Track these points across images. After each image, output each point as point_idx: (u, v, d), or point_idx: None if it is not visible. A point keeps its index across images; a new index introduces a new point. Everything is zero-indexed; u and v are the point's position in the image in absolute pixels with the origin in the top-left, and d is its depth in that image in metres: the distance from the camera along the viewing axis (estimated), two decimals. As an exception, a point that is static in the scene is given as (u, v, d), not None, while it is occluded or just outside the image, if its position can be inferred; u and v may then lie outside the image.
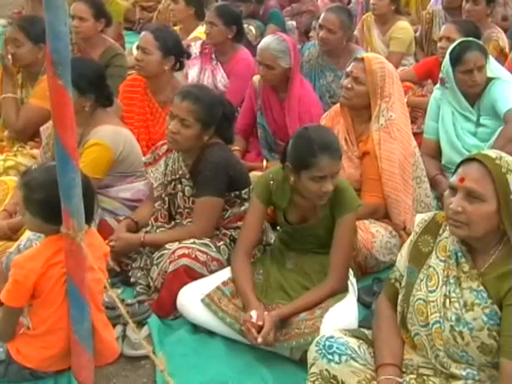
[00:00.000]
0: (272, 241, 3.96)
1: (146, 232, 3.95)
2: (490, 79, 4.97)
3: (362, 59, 4.33)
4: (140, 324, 3.53)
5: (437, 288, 2.79)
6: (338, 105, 4.56)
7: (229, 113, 4.00)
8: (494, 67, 5.12)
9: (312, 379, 2.89)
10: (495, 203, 2.62)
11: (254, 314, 3.26)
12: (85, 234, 2.86)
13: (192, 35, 6.43)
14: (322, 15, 5.86)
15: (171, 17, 6.78)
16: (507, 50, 6.67)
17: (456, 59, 4.88)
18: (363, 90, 4.27)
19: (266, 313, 3.30)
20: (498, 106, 4.93)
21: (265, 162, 4.90)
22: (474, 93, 4.99)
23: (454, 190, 2.70)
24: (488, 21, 6.81)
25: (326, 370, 2.85)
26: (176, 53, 4.83)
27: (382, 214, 4.24)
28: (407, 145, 4.31)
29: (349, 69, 4.35)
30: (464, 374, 2.73)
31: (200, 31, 6.29)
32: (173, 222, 3.99)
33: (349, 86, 4.29)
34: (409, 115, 4.58)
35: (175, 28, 6.56)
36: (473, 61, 4.84)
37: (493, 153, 2.73)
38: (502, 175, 2.62)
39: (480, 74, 4.88)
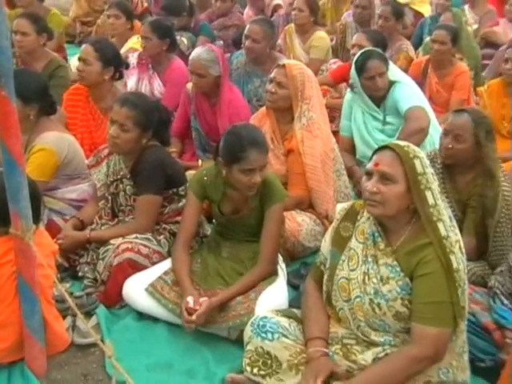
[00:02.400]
0: (208, 233, 3.96)
1: (92, 229, 3.89)
2: (392, 82, 5.09)
3: (284, 66, 4.35)
4: (89, 314, 3.50)
5: (357, 267, 2.83)
6: (264, 107, 4.58)
7: (165, 117, 3.99)
8: (394, 71, 5.24)
9: (248, 356, 2.92)
10: (405, 184, 2.69)
11: (190, 299, 3.27)
12: (33, 234, 2.81)
13: (126, 46, 6.33)
14: (247, 27, 5.90)
15: (111, 30, 6.65)
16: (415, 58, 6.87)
17: (360, 67, 5.00)
18: (286, 94, 4.29)
19: (205, 298, 3.30)
20: (399, 105, 5.06)
21: (200, 162, 4.88)
22: (378, 96, 5.12)
23: (369, 174, 2.76)
24: (398, 34, 6.96)
25: (261, 347, 2.88)
26: (115, 63, 4.77)
27: (307, 205, 4.27)
28: (327, 141, 4.35)
29: (272, 75, 4.37)
30: (382, 340, 2.79)
31: (133, 41, 6.21)
32: (116, 219, 3.94)
33: (273, 90, 4.31)
34: (327, 115, 4.61)
35: (113, 40, 6.46)
36: (374, 68, 4.96)
37: (401, 142, 2.84)
38: (410, 159, 2.69)
39: (382, 80, 5.00)
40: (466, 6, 8.73)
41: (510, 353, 2.54)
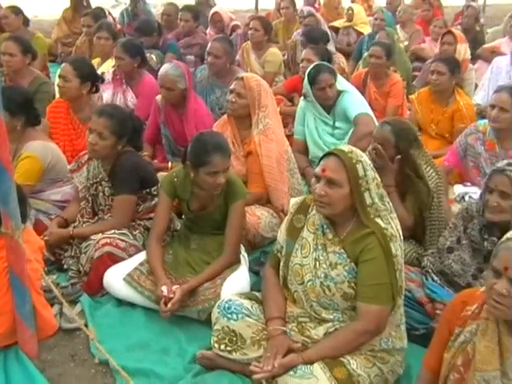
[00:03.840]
0: (178, 227, 3.93)
1: (74, 227, 3.85)
2: (340, 92, 5.11)
3: (242, 78, 4.36)
4: (74, 302, 3.49)
5: (309, 254, 2.84)
6: (225, 115, 4.57)
7: (138, 126, 3.96)
8: (341, 82, 5.26)
9: (216, 334, 2.93)
10: (348, 187, 2.70)
11: (164, 288, 3.26)
12: (22, 232, 2.79)
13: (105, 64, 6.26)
14: (209, 44, 5.87)
15: (100, 50, 6.55)
16: (346, 68, 6.96)
17: (312, 80, 5.01)
18: (244, 103, 4.29)
19: (176, 286, 3.30)
20: (348, 112, 5.09)
21: (170, 164, 4.85)
22: (328, 103, 5.12)
23: (318, 178, 2.76)
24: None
25: (227, 327, 2.89)
26: (91, 79, 4.72)
27: (265, 200, 4.28)
28: (281, 144, 4.37)
29: (232, 86, 4.36)
30: (332, 317, 2.81)
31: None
32: (96, 218, 3.90)
33: (233, 100, 4.31)
34: (281, 121, 4.62)
35: (95, 60, 6.37)
36: (324, 80, 4.97)
37: (346, 148, 2.81)
38: (353, 165, 2.70)
39: (331, 90, 5.01)
40: (398, 26, 8.94)
41: (439, 321, 2.59)
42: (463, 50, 6.90)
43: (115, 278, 3.49)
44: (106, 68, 6.01)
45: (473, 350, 2.26)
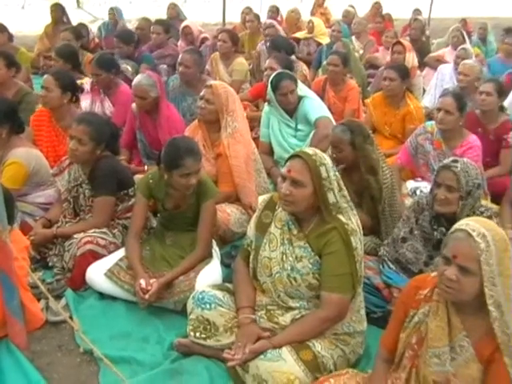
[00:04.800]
0: (154, 225, 3.90)
1: (58, 227, 3.81)
2: (301, 97, 5.12)
3: (211, 86, 4.33)
4: (59, 297, 3.47)
5: (276, 248, 2.84)
6: (196, 120, 4.54)
7: (115, 132, 3.92)
8: (302, 88, 5.27)
9: (191, 323, 2.93)
10: (312, 187, 2.70)
11: (142, 281, 3.25)
12: (9, 233, 2.76)
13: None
14: (180, 56, 5.81)
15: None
16: (308, 76, 6.98)
17: (275, 86, 5.01)
18: (213, 109, 4.27)
19: (154, 279, 3.29)
20: (309, 116, 5.11)
21: (145, 167, 4.79)
22: (290, 108, 5.13)
23: (283, 178, 2.76)
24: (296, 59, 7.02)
25: (201, 316, 2.89)
26: (72, 89, 4.65)
27: (234, 198, 4.26)
28: (248, 146, 4.36)
29: (202, 93, 4.34)
30: (298, 305, 2.82)
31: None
32: (78, 218, 3.86)
33: (203, 106, 4.29)
34: (248, 125, 4.60)
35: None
36: (286, 87, 4.98)
37: (310, 150, 2.80)
38: (316, 167, 2.69)
39: (292, 96, 5.02)
40: (353, 37, 9.00)
41: (395, 304, 2.61)
42: (411, 59, 6.99)
43: (97, 274, 3.46)
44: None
45: (425, 329, 2.28)
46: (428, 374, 2.26)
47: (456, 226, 2.21)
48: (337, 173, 2.79)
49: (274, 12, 10.41)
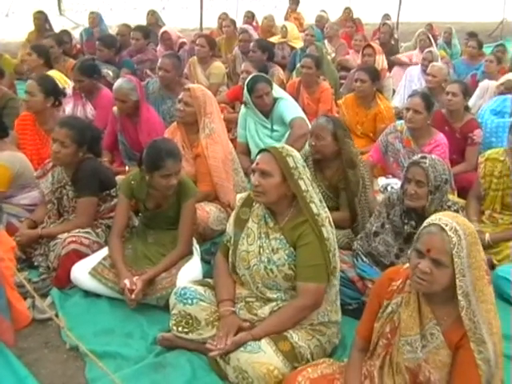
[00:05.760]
0: (136, 224, 3.87)
1: (43, 228, 3.77)
2: (276, 99, 5.13)
3: (189, 89, 4.32)
4: (44, 295, 3.43)
5: (254, 242, 2.85)
6: (175, 122, 4.51)
7: (96, 135, 3.88)
8: (277, 90, 5.29)
9: (174, 318, 2.92)
10: (280, 177, 2.73)
11: (127, 281, 3.23)
12: None
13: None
14: (160, 60, 5.79)
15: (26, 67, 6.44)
16: (284, 79, 7.04)
17: (251, 89, 5.02)
18: (191, 111, 4.26)
19: (136, 277, 3.27)
20: (284, 116, 5.13)
21: (127, 168, 4.77)
22: (266, 109, 5.14)
23: (253, 171, 2.80)
24: (271, 64, 7.03)
25: (183, 311, 2.89)
26: (55, 93, 4.61)
27: (213, 197, 4.25)
28: (226, 146, 4.34)
29: (180, 96, 4.32)
30: (275, 296, 2.83)
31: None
32: (62, 218, 3.81)
33: (181, 108, 4.27)
34: (225, 126, 4.60)
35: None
36: (261, 89, 5.00)
37: (278, 145, 2.85)
38: (283, 157, 2.74)
39: (268, 97, 5.05)
40: (326, 41, 9.03)
41: (369, 296, 2.63)
42: (381, 61, 7.06)
43: (81, 272, 3.43)
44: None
45: (398, 318, 2.30)
46: (401, 361, 2.28)
47: (429, 220, 2.23)
48: (306, 168, 2.81)
49: (250, 17, 10.44)
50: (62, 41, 7.39)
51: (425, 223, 2.24)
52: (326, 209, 2.84)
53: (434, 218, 2.21)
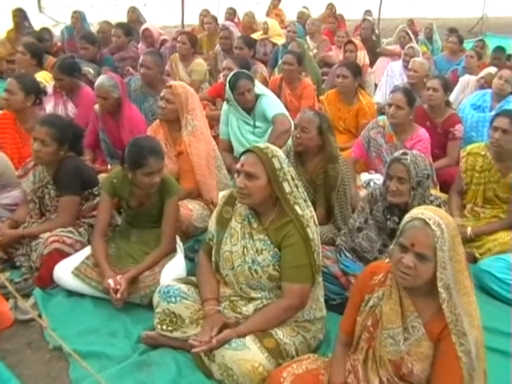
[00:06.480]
0: (119, 222, 3.84)
1: (24, 227, 3.74)
2: (258, 95, 5.12)
3: (171, 86, 4.30)
4: (27, 295, 3.40)
5: (237, 242, 2.83)
6: (158, 120, 4.49)
7: (78, 133, 3.83)
8: (259, 86, 5.28)
9: (158, 316, 2.91)
10: (266, 179, 2.70)
11: (111, 281, 3.22)
12: None
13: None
14: (141, 58, 5.76)
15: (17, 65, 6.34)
16: (267, 77, 7.05)
17: (232, 85, 5.00)
18: (173, 108, 4.24)
19: (119, 276, 3.25)
20: (266, 113, 5.12)
21: (109, 166, 4.73)
22: (248, 106, 5.13)
23: (238, 172, 2.76)
24: (254, 61, 7.06)
25: (167, 309, 2.88)
26: (35, 92, 4.56)
27: (196, 194, 4.23)
28: (209, 143, 4.34)
29: (162, 94, 4.31)
30: (259, 296, 2.82)
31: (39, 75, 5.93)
32: (44, 218, 3.78)
33: (163, 105, 4.26)
34: (208, 123, 4.58)
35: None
36: (243, 86, 4.99)
37: (263, 145, 2.82)
38: (268, 159, 2.70)
39: (250, 94, 5.04)
40: (307, 37, 9.02)
41: (352, 290, 2.64)
42: (363, 57, 7.09)
43: (64, 272, 3.40)
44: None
45: (380, 312, 2.32)
46: (384, 354, 2.30)
47: (411, 214, 2.24)
48: (290, 167, 2.80)
49: (232, 14, 10.40)
50: (43, 38, 7.32)
51: (407, 217, 2.25)
52: (311, 207, 2.83)
53: (416, 212, 2.22)
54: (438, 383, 2.19)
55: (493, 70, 6.27)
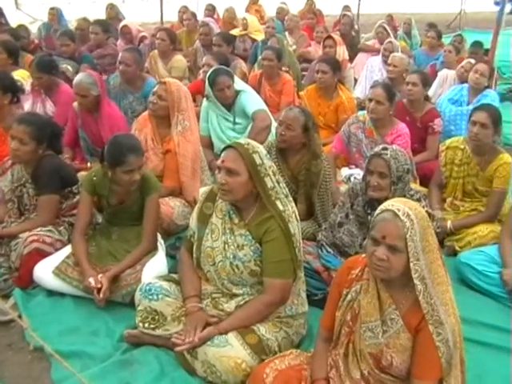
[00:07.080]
0: (99, 221, 3.82)
1: (3, 227, 3.68)
2: (238, 91, 5.11)
3: (165, 83, 4.27)
4: (7, 296, 3.38)
5: (218, 238, 2.83)
6: (146, 113, 4.45)
7: (56, 131, 3.80)
8: (238, 83, 5.27)
9: (140, 314, 2.90)
10: (247, 175, 2.70)
11: (91, 280, 3.20)
12: None
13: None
14: (120, 54, 5.72)
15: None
16: (247, 72, 7.06)
17: (212, 82, 4.99)
18: (164, 105, 4.21)
19: (101, 275, 3.24)
20: (246, 109, 5.12)
21: (89, 164, 4.71)
22: (228, 102, 5.12)
23: (219, 168, 2.76)
24: (233, 56, 7.07)
25: (149, 307, 2.87)
26: (12, 90, 4.52)
27: (178, 192, 4.22)
28: (197, 145, 4.33)
29: (155, 89, 4.28)
30: (241, 292, 2.83)
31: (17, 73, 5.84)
32: (23, 217, 3.73)
33: (154, 101, 4.23)
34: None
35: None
36: (223, 82, 4.97)
37: (243, 141, 2.81)
38: (249, 155, 2.70)
39: (229, 90, 5.02)
40: (286, 33, 9.03)
41: (331, 286, 2.65)
42: (342, 52, 7.11)
43: (44, 272, 3.38)
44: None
45: (358, 306, 2.34)
46: (363, 348, 2.32)
47: (381, 207, 2.25)
48: (272, 163, 2.79)
49: (211, 10, 10.36)
50: (19, 36, 7.21)
51: (378, 210, 2.26)
52: (293, 203, 2.84)
53: (386, 205, 2.24)
54: (417, 374, 2.21)
55: (472, 60, 6.35)
